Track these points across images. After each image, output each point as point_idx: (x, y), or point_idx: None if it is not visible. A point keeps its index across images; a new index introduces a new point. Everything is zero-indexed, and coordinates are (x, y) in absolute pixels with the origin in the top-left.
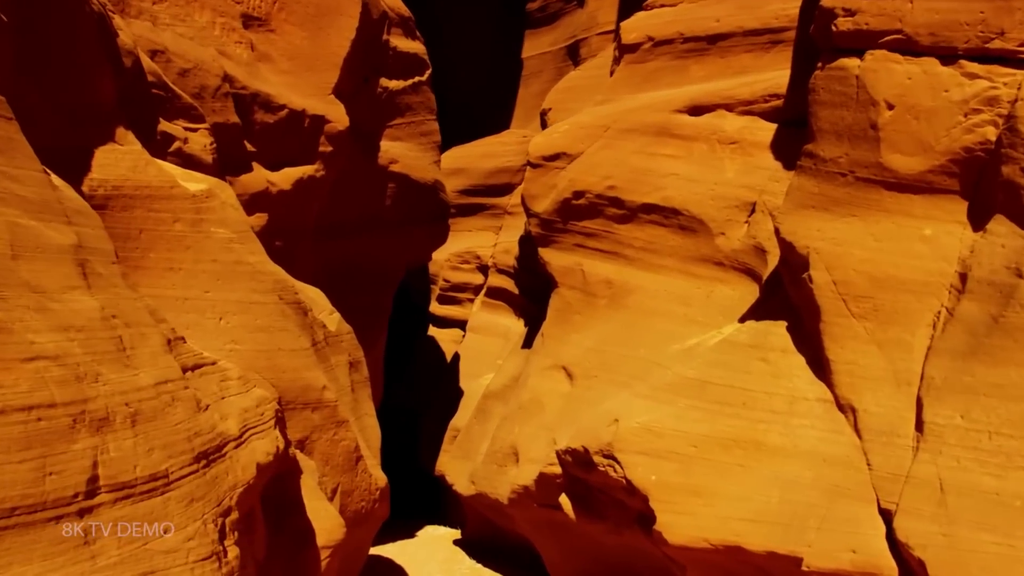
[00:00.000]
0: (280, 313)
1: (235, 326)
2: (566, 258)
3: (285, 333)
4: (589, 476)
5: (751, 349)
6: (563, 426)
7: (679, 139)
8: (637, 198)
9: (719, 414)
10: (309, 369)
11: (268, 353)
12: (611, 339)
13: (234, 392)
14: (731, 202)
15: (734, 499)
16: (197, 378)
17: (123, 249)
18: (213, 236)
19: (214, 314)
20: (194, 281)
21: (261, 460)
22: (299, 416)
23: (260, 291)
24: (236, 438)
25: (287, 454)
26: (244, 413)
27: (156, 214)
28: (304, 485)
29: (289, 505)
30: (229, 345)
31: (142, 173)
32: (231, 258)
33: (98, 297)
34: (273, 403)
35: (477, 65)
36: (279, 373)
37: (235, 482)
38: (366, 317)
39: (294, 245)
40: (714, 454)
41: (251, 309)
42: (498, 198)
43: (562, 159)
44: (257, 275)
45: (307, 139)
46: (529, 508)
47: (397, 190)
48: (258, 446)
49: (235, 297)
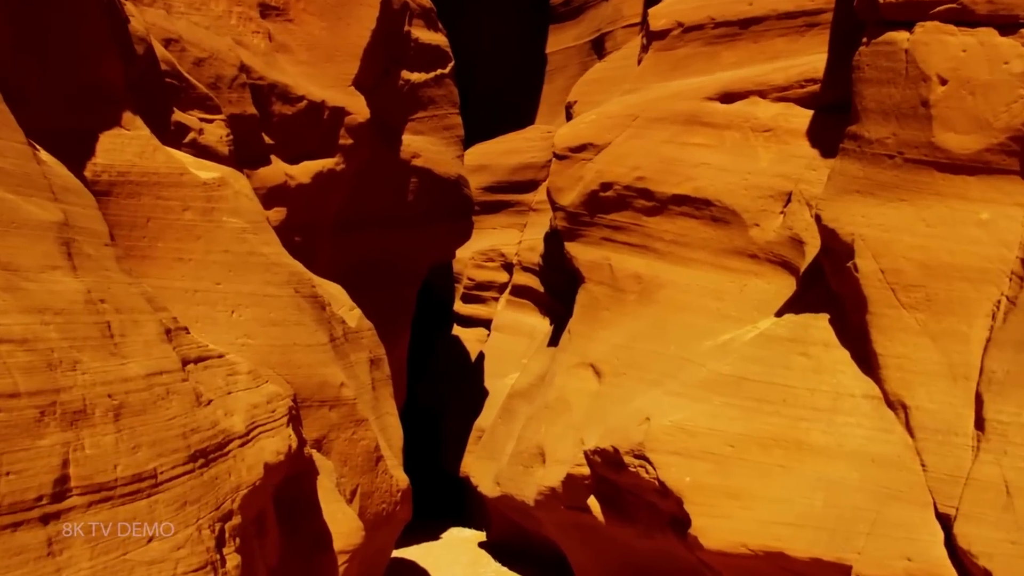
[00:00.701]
0: (295, 306)
1: (248, 319)
2: (593, 252)
3: (301, 327)
4: (619, 477)
5: (791, 343)
6: (591, 425)
7: (710, 127)
8: (667, 189)
9: (757, 412)
10: (326, 365)
11: (282, 348)
12: (641, 335)
13: (242, 387)
14: (765, 192)
15: (775, 502)
16: (200, 371)
17: (129, 238)
18: (225, 226)
19: (225, 307)
20: (205, 272)
21: (270, 460)
22: (316, 414)
23: (274, 283)
24: (242, 436)
25: (301, 454)
26: (253, 410)
27: (165, 202)
28: (321, 487)
29: (305, 508)
30: (241, 339)
31: (150, 159)
32: (244, 249)
33: (84, 279)
34: (287, 400)
35: (500, 61)
36: (294, 369)
37: (238, 483)
38: (389, 315)
39: (314, 240)
40: (752, 454)
41: (265, 302)
42: (522, 195)
43: (589, 150)
44: (271, 267)
45: (327, 131)
46: (556, 510)
47: (420, 185)
48: (267, 445)
49: (248, 289)
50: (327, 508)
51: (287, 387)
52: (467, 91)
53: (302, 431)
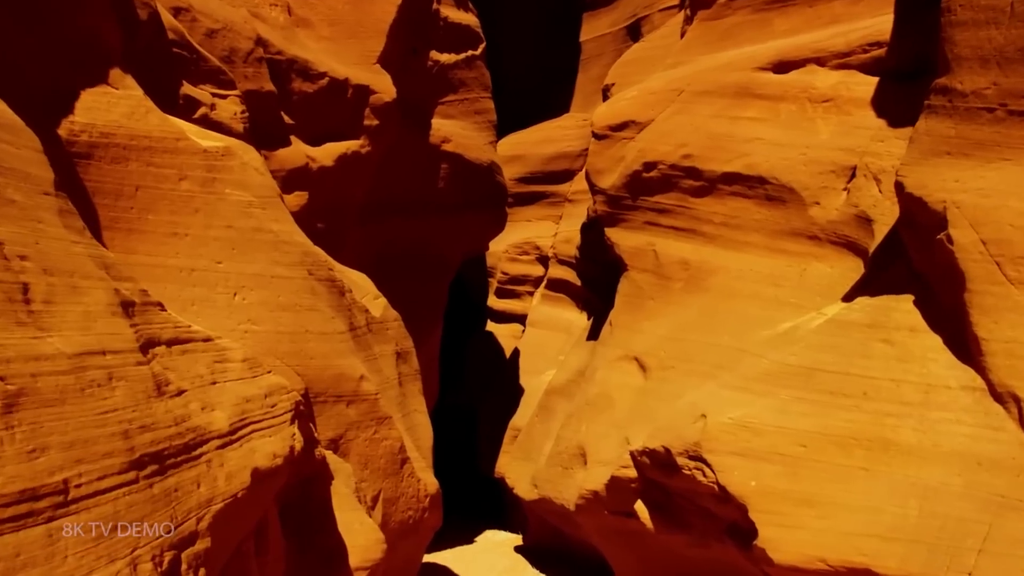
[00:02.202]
0: (309, 290)
1: (252, 303)
2: (636, 238)
3: (315, 313)
4: (670, 480)
5: (869, 329)
6: (637, 423)
7: (763, 99)
8: (717, 167)
9: (832, 407)
10: (343, 356)
11: (292, 336)
12: (689, 326)
13: (234, 377)
14: (826, 167)
15: (858, 510)
16: (174, 356)
17: (113, 208)
18: (228, 199)
19: (227, 288)
20: (203, 250)
21: (263, 464)
22: (331, 411)
23: (285, 264)
24: (225, 435)
25: (311, 456)
26: (244, 404)
27: (157, 169)
28: (336, 493)
29: (317, 518)
30: (244, 325)
31: (141, 121)
32: (250, 225)
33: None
34: (293, 394)
35: (533, 52)
36: (306, 360)
37: (211, 495)
38: (419, 308)
39: (338, 228)
40: (829, 455)
41: (273, 284)
42: (558, 185)
43: (630, 128)
44: (281, 245)
45: (351, 111)
46: (599, 515)
47: (450, 171)
48: (261, 446)
49: (253, 270)
50: (343, 518)
51: (296, 380)
52: (499, 84)
53: (314, 430)
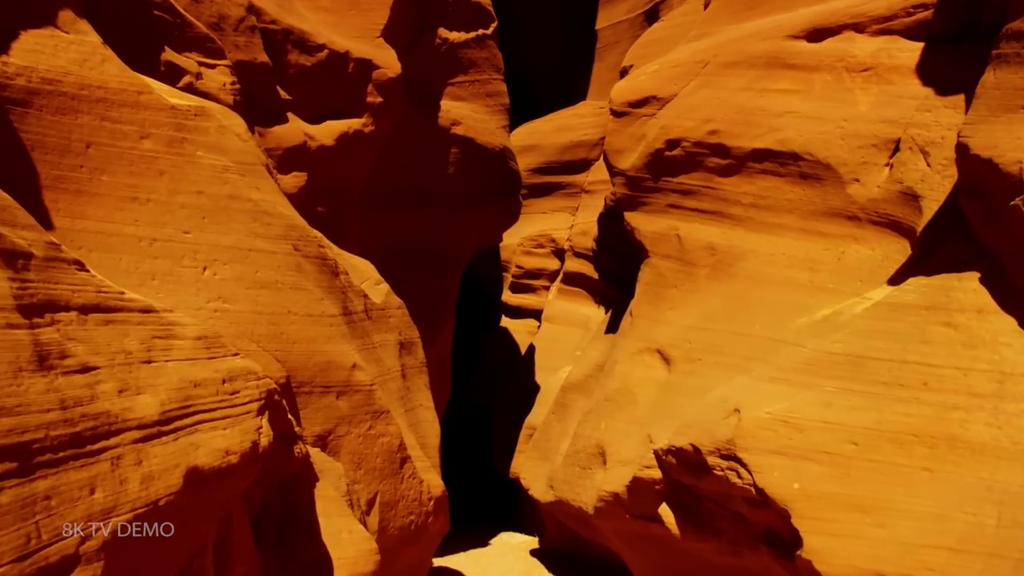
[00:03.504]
0: (294, 267)
1: (225, 279)
2: (658, 222)
3: (300, 293)
4: (699, 482)
5: (927, 312)
6: (661, 420)
7: (796, 70)
8: (746, 143)
9: (887, 399)
10: (333, 341)
11: (272, 317)
12: (716, 315)
13: (180, 357)
14: (866, 141)
15: (922, 517)
16: (90, 325)
17: (58, 166)
18: (200, 162)
19: (195, 262)
20: (168, 218)
21: (207, 462)
22: (318, 403)
23: (265, 236)
24: (151, 425)
25: (288, 454)
26: (190, 389)
27: (114, 125)
28: (321, 497)
29: (299, 525)
30: (214, 303)
31: (95, 70)
32: (225, 191)
33: None
34: (266, 381)
35: (548, 41)
36: (287, 344)
37: (111, 504)
38: (429, 302)
39: (340, 213)
40: (885, 454)
41: (250, 258)
42: (573, 176)
43: (651, 104)
44: (262, 216)
45: (352, 87)
46: (619, 519)
47: (461, 156)
48: (207, 440)
49: (228, 241)
50: (329, 525)
51: (275, 367)
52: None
53: (295, 424)
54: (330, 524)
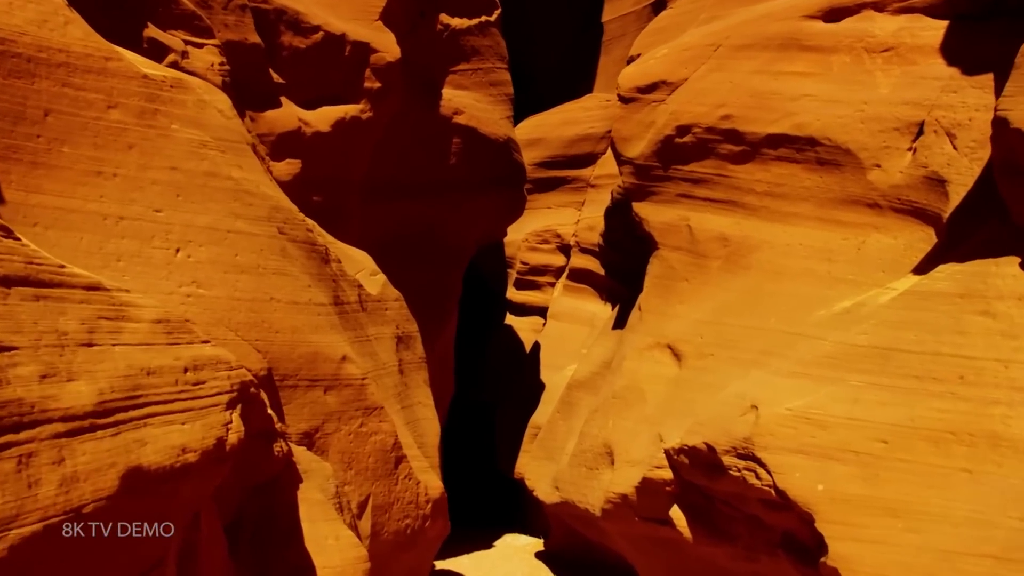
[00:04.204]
0: (278, 251)
1: (201, 261)
2: (668, 212)
3: (284, 279)
4: (713, 483)
5: (962, 300)
6: (672, 418)
7: (813, 51)
8: (760, 128)
9: (921, 394)
10: (321, 332)
11: (252, 304)
12: (729, 309)
13: (131, 341)
14: (888, 124)
15: (962, 523)
16: (12, 300)
17: (10, 134)
18: (175, 136)
19: (167, 243)
20: (137, 195)
21: (154, 461)
22: (303, 398)
23: (247, 217)
24: (83, 416)
25: (266, 453)
26: (141, 377)
27: (76, 92)
28: (305, 500)
29: (280, 530)
30: (187, 287)
31: (56, 31)
32: (202, 168)
33: None
34: (240, 372)
35: (553, 35)
36: (270, 333)
37: (12, 513)
38: (431, 297)
39: (338, 203)
40: (918, 453)
41: (229, 240)
42: (580, 170)
43: (661, 89)
44: (243, 195)
45: (349, 72)
46: (628, 521)
47: (463, 146)
48: (159, 436)
49: (204, 222)
50: (314, 530)
51: (255, 357)
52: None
53: (275, 420)
54: (315, 529)
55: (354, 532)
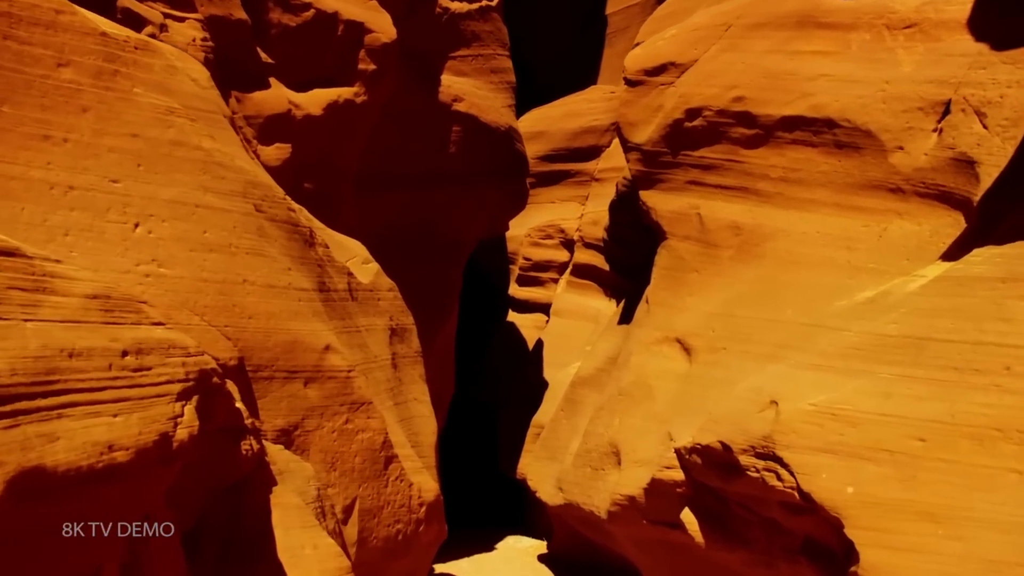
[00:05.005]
0: (254, 229)
1: (163, 238)
2: (677, 200)
3: (260, 260)
4: (728, 484)
5: (1003, 285)
6: (682, 416)
7: (830, 29)
8: (774, 111)
9: (961, 387)
10: (301, 319)
11: (222, 285)
12: (742, 300)
13: (56, 317)
14: (911, 104)
15: (1012, 529)
16: None
17: None
18: (137, 100)
19: (123, 216)
20: (91, 162)
21: (65, 460)
22: (281, 391)
23: (218, 191)
24: None
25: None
26: (60, 359)
27: (21, 46)
28: (280, 504)
29: (249, 539)
30: (146, 266)
31: None
32: (167, 136)
33: None
34: (201, 359)
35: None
36: (242, 319)
37: None
38: (431, 292)
39: (331, 191)
40: (961, 452)
41: (197, 216)
42: (583, 163)
43: (669, 71)
44: (215, 167)
45: (342, 52)
46: (636, 525)
47: (463, 135)
48: (74, 429)
49: (168, 195)
50: (288, 538)
51: (223, 344)
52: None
53: (245, 415)
54: (289, 538)
55: (338, 539)
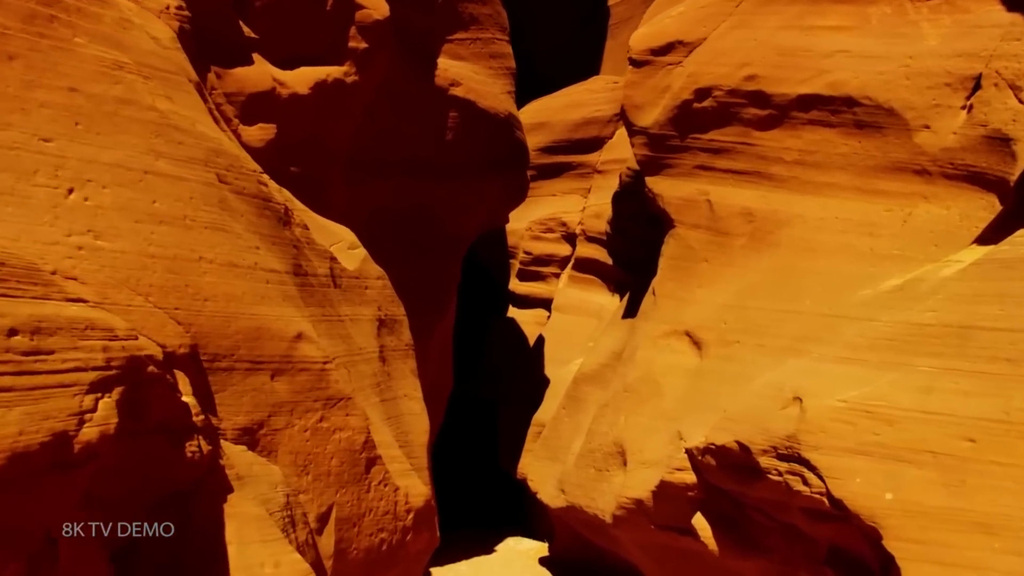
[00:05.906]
0: (215, 202)
1: (103, 207)
2: (685, 186)
3: (220, 235)
4: (746, 488)
5: None
6: (693, 414)
7: (848, 3)
8: (789, 89)
9: (1014, 380)
10: (269, 303)
11: (173, 263)
12: (756, 291)
13: None
14: (938, 80)
15: None
16: None
17: None
18: (78, 51)
19: (54, 180)
20: (18, 118)
21: None
22: (243, 384)
23: (172, 157)
24: None
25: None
26: None
27: None
28: (235, 515)
29: (197, 557)
30: (79, 237)
31: None
32: (113, 93)
33: None
34: (133, 344)
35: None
36: (196, 301)
37: None
38: (428, 286)
39: (319, 175)
40: (1017, 454)
41: (145, 183)
42: (585, 155)
43: (677, 50)
44: (169, 131)
45: (331, 29)
46: (643, 529)
47: (460, 121)
48: None
49: (111, 158)
50: (245, 555)
51: (172, 329)
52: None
53: (194, 412)
54: (246, 555)
55: (311, 552)
